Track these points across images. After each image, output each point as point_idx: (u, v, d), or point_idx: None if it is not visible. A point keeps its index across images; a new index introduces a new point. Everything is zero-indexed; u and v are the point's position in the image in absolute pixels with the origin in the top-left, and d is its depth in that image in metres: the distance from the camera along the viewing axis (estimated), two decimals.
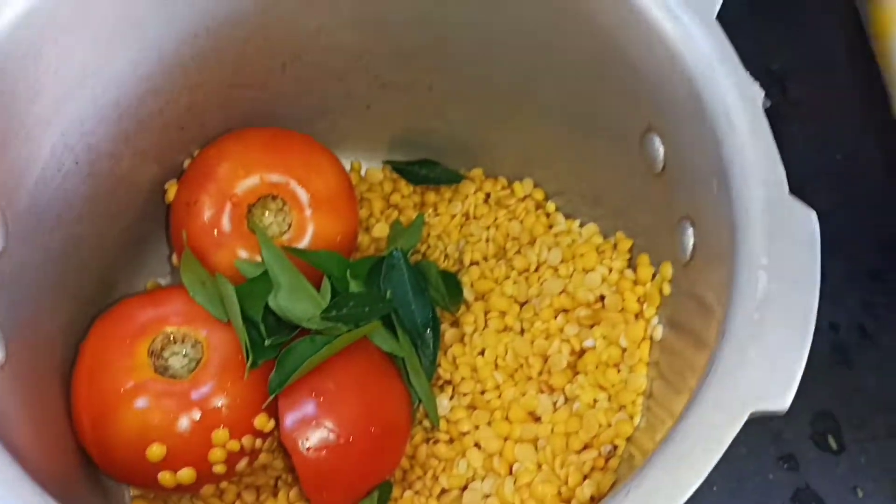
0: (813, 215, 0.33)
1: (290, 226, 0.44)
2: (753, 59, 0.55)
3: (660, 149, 0.40)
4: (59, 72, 0.38)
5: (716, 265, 0.35)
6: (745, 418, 0.30)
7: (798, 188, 0.48)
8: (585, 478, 0.40)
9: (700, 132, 0.36)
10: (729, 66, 0.36)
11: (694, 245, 0.38)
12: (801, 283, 0.32)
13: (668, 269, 0.41)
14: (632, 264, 0.45)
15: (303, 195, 0.45)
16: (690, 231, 0.38)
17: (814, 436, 0.51)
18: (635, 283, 0.44)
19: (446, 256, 0.49)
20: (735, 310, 0.32)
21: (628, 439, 0.40)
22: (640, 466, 0.30)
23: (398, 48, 0.45)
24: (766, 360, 0.30)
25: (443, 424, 0.44)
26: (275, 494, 0.44)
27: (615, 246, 0.46)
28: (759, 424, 0.51)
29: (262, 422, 0.41)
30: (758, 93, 0.36)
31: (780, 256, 0.32)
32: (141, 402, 0.39)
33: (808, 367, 0.52)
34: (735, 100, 0.35)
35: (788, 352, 0.31)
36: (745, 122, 0.35)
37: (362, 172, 0.52)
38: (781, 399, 0.30)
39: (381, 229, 0.50)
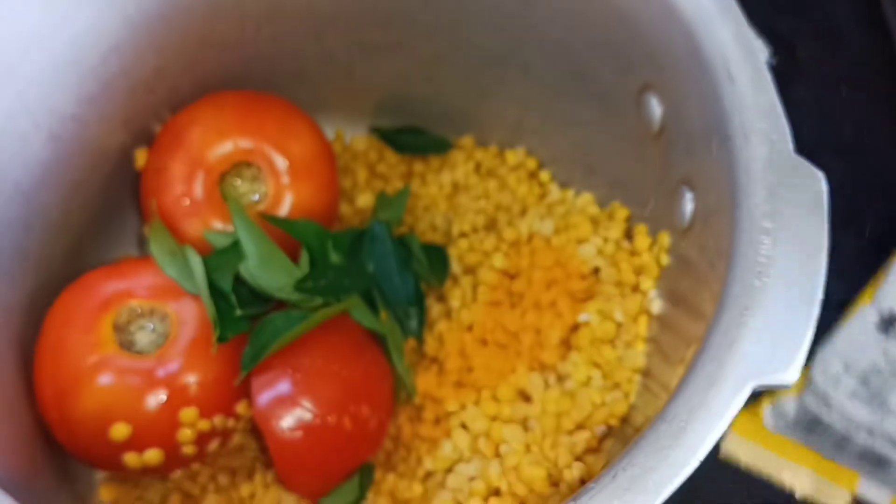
0: (820, 175, 0.31)
1: (266, 194, 0.42)
2: (758, 20, 0.53)
3: (656, 109, 0.37)
4: (13, 29, 0.36)
5: (716, 231, 0.32)
6: (746, 393, 0.27)
7: (805, 157, 0.45)
8: (577, 459, 0.37)
9: (699, 88, 0.33)
10: (730, 16, 0.33)
11: (693, 211, 0.36)
12: (806, 247, 0.29)
13: (665, 238, 0.38)
14: (629, 235, 0.42)
15: (279, 162, 0.42)
16: (689, 196, 0.36)
17: None
18: (632, 253, 0.41)
19: (434, 228, 0.46)
20: (734, 276, 0.29)
21: (624, 419, 0.38)
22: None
23: (374, 8, 0.42)
24: (768, 330, 0.28)
25: (428, 404, 0.41)
26: (251, 477, 0.41)
27: (611, 216, 0.43)
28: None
29: (243, 409, 0.39)
30: (761, 48, 0.34)
31: (783, 219, 0.29)
32: (104, 379, 0.37)
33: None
34: (736, 51, 0.32)
35: (793, 321, 0.28)
36: (747, 74, 0.32)
37: (346, 141, 0.50)
38: (785, 372, 0.27)
39: (365, 200, 0.47)
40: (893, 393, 0.36)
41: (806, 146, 0.48)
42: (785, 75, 0.56)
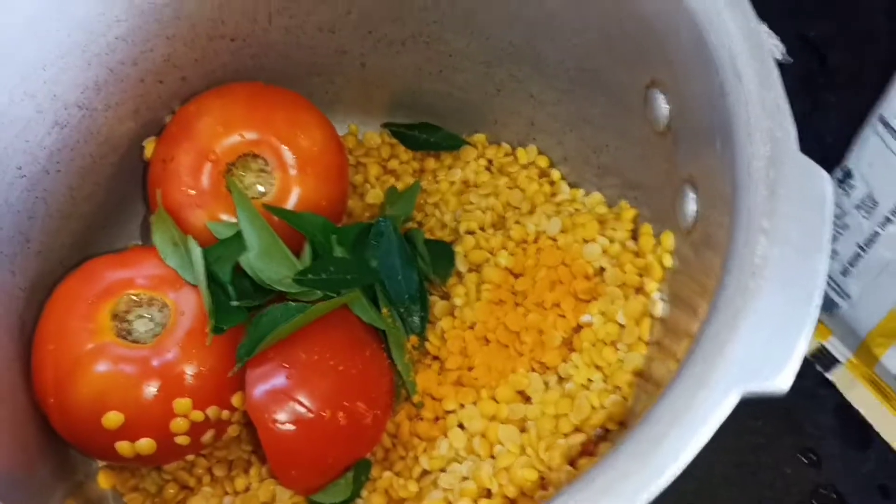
0: (824, 174, 0.29)
1: (272, 187, 0.42)
2: (789, 25, 0.51)
3: (663, 106, 0.36)
4: (15, 6, 0.36)
5: (715, 231, 0.31)
6: (734, 399, 0.26)
7: (834, 165, 0.43)
8: (571, 463, 0.36)
9: (705, 84, 0.32)
10: (737, 10, 0.32)
11: (696, 211, 0.35)
12: (805, 248, 0.28)
13: (669, 239, 0.37)
14: (636, 235, 0.41)
15: (287, 155, 0.42)
16: (692, 196, 0.35)
17: (838, 428, 0.47)
18: (636, 254, 0.40)
19: (443, 226, 0.46)
20: (729, 277, 0.28)
21: (622, 423, 0.37)
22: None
23: (388, 0, 0.42)
24: (760, 334, 0.27)
25: (427, 402, 0.41)
26: (247, 470, 0.41)
27: (618, 216, 0.42)
28: (778, 414, 0.48)
29: (238, 401, 0.39)
30: (773, 44, 0.32)
31: (783, 218, 0.28)
32: (100, 367, 0.37)
33: None
34: (742, 47, 0.31)
35: (786, 325, 0.27)
36: (753, 70, 0.31)
37: (360, 136, 0.49)
38: (776, 380, 0.26)
39: (375, 195, 0.47)
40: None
41: (835, 151, 0.46)
42: (815, 81, 0.55)
